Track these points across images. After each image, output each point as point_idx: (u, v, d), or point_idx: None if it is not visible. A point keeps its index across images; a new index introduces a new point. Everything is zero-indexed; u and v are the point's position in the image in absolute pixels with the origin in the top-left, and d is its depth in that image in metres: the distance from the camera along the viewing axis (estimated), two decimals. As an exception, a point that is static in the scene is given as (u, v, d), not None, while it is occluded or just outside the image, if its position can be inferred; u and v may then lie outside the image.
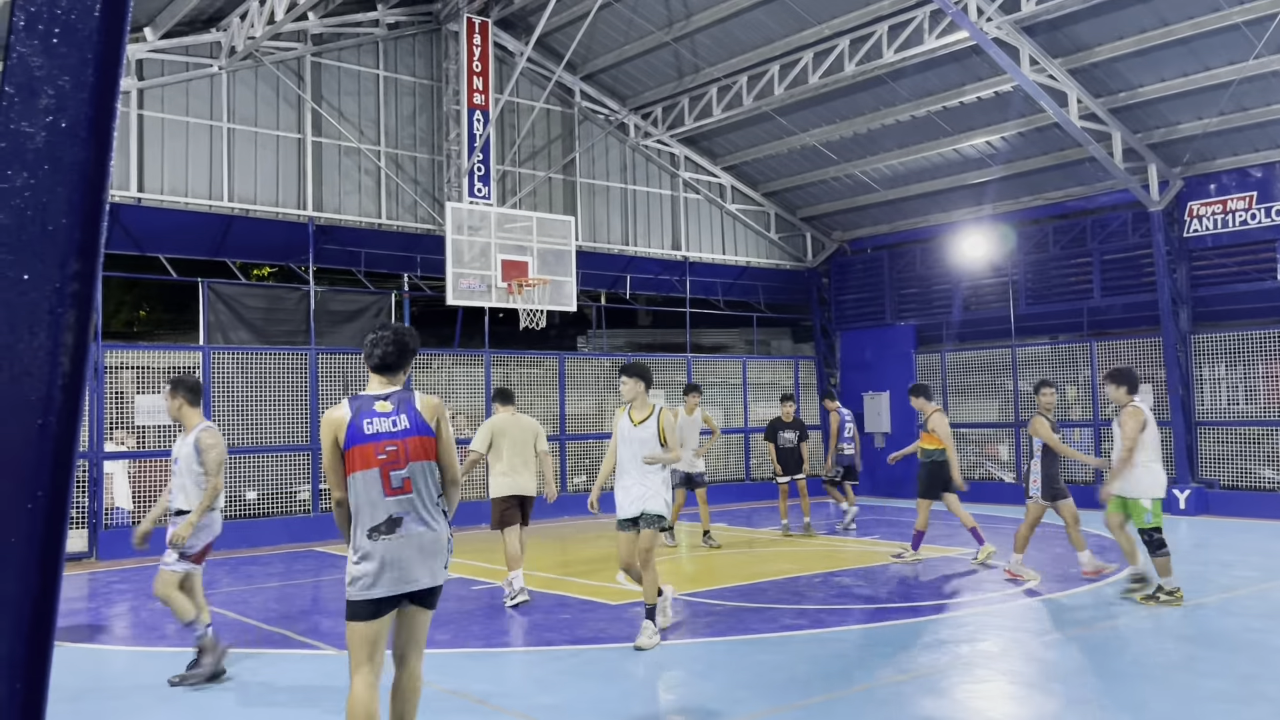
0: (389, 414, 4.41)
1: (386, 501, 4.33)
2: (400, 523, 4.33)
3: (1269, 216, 15.13)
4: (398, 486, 4.35)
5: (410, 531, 4.34)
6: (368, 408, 4.42)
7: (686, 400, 13.28)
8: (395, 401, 4.46)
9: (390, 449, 4.35)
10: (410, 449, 4.38)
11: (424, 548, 4.38)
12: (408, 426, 4.41)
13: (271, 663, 7.40)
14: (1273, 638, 7.43)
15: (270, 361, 14.77)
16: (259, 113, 15.21)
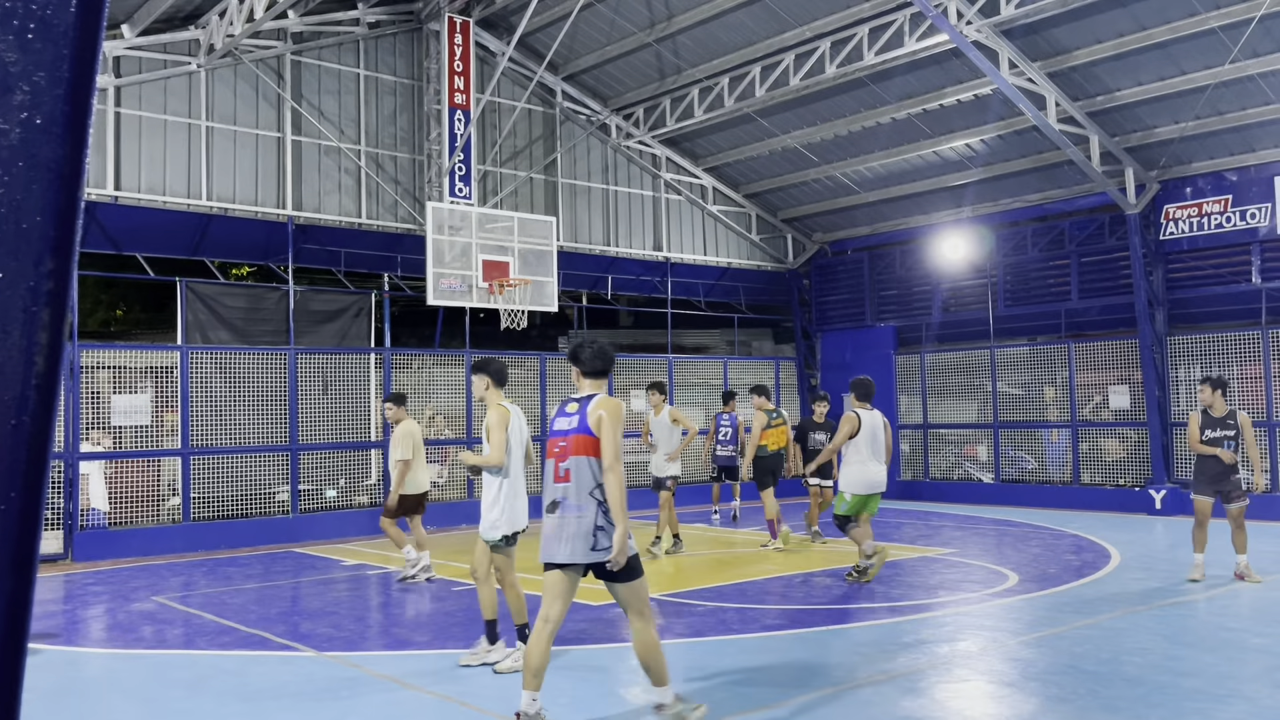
0: (573, 414, 5.40)
1: (555, 487, 5.33)
2: (558, 505, 5.30)
3: (1244, 220, 15.29)
4: (561, 476, 5.31)
5: (565, 514, 5.27)
6: (562, 408, 5.53)
7: (649, 399, 12.83)
8: (581, 403, 5.41)
9: (561, 444, 5.33)
10: (572, 445, 5.29)
11: (566, 528, 5.29)
12: (575, 425, 5.31)
13: (250, 665, 7.35)
14: (1249, 637, 7.50)
15: (249, 361, 14.67)
16: (238, 111, 15.12)
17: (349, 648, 7.75)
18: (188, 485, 13.94)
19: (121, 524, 13.52)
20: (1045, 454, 18.08)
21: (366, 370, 16.02)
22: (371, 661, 7.31)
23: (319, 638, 8.15)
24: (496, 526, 6.92)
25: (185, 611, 9.43)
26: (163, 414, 14.28)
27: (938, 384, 19.57)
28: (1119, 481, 16.89)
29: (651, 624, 5.46)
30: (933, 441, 19.65)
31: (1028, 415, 18.24)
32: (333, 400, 15.43)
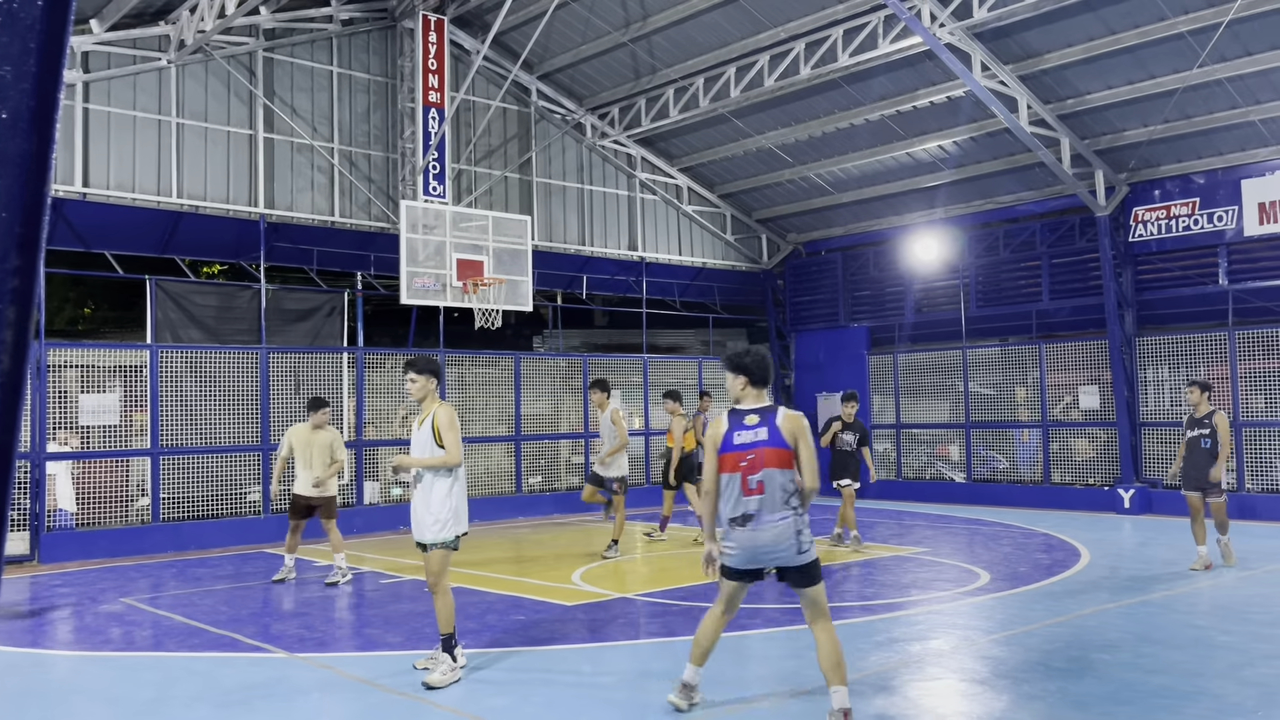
0: (755, 426, 5.49)
1: (746, 500, 5.41)
2: (750, 519, 5.40)
3: (1211, 222, 15.49)
4: (753, 488, 5.40)
5: (759, 526, 5.39)
6: (738, 421, 5.53)
7: (593, 397, 12.55)
8: (761, 414, 5.52)
9: (750, 457, 5.42)
10: (763, 458, 5.41)
11: (761, 537, 5.41)
12: (765, 438, 5.43)
13: (220, 666, 7.28)
14: (1215, 634, 7.60)
15: (221, 361, 14.54)
16: (209, 108, 14.97)
17: (320, 649, 7.70)
18: (157, 486, 13.79)
19: (89, 525, 13.36)
20: (1016, 454, 18.24)
21: (339, 370, 15.92)
22: (343, 663, 7.26)
23: (290, 639, 8.09)
24: (448, 526, 6.67)
25: (154, 613, 9.33)
26: (131, 413, 14.12)
27: (910, 384, 19.69)
28: (1088, 481, 17.06)
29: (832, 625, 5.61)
30: (905, 441, 19.77)
31: (999, 415, 18.39)
32: (305, 400, 15.29)
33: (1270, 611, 8.35)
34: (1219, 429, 10.53)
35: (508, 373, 17.79)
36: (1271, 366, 15.15)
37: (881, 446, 20.13)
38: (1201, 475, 10.52)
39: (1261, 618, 8.12)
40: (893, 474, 19.72)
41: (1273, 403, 15.13)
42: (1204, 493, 10.54)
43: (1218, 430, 10.52)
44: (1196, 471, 10.59)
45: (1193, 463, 10.64)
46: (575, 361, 19.01)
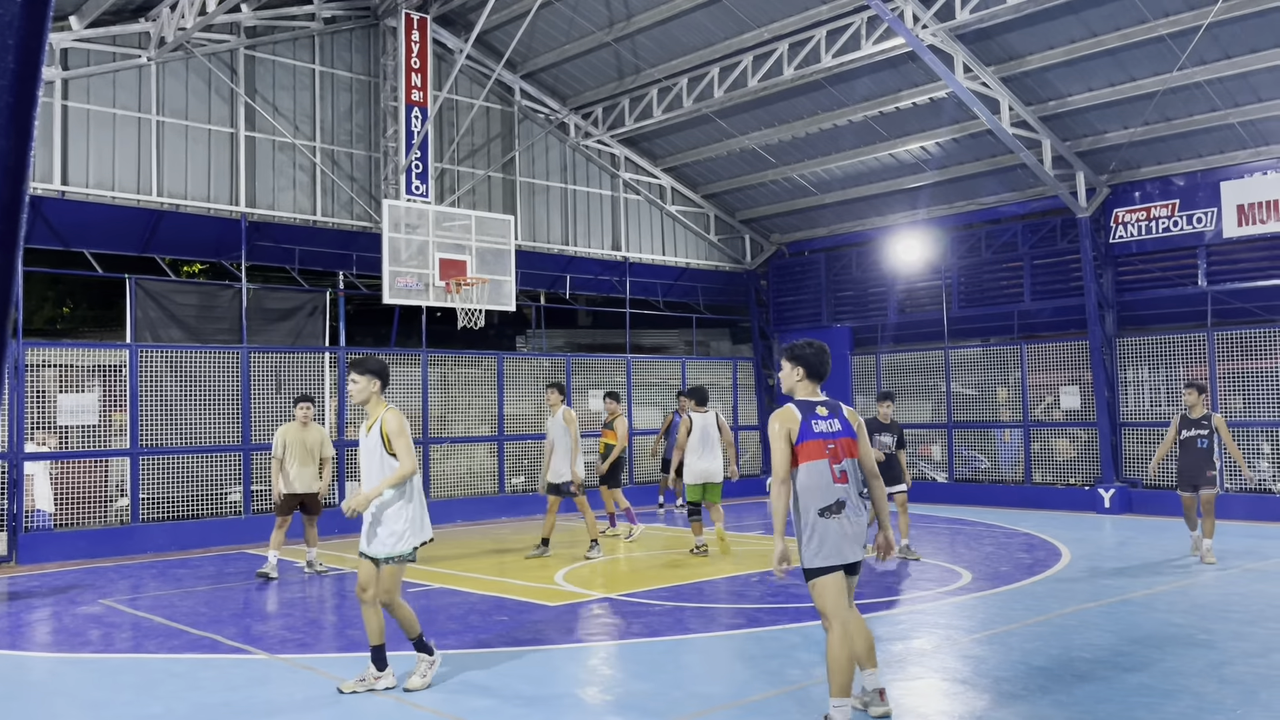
0: (828, 417, 5.52)
1: (835, 488, 5.34)
2: (843, 506, 5.35)
3: (1190, 224, 15.61)
4: (839, 477, 5.38)
5: (849, 514, 5.35)
6: (812, 411, 5.50)
7: (549, 398, 12.37)
8: (829, 406, 5.57)
9: (831, 446, 5.40)
10: (843, 447, 5.44)
11: (853, 527, 5.36)
12: (840, 429, 5.49)
13: (200, 668, 7.23)
14: (1195, 633, 7.66)
15: (201, 360, 14.44)
16: (190, 105, 14.87)
17: (302, 650, 7.66)
18: (136, 486, 13.69)
19: (68, 525, 13.25)
20: (998, 454, 18.33)
21: (321, 369, 15.84)
22: (325, 664, 7.23)
23: (271, 640, 8.05)
24: (404, 539, 6.36)
25: (134, 614, 9.26)
26: (111, 413, 14.00)
27: (893, 384, 19.74)
28: (1069, 481, 17.17)
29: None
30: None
31: (981, 415, 18.48)
32: (287, 400, 15.23)
33: (1249, 610, 8.42)
34: (1220, 429, 11.02)
35: (491, 373, 17.75)
36: (1249, 367, 15.29)
37: (864, 446, 20.17)
38: (1198, 474, 10.93)
39: (1241, 616, 8.18)
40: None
41: (1251, 403, 15.26)
42: (1197, 489, 10.97)
43: (1218, 430, 11.01)
44: (1192, 470, 10.98)
45: (1188, 462, 11.03)
46: (559, 361, 18.99)
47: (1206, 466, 10.94)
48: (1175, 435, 11.30)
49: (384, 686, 6.43)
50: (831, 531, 5.32)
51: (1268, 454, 15.11)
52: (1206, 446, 10.97)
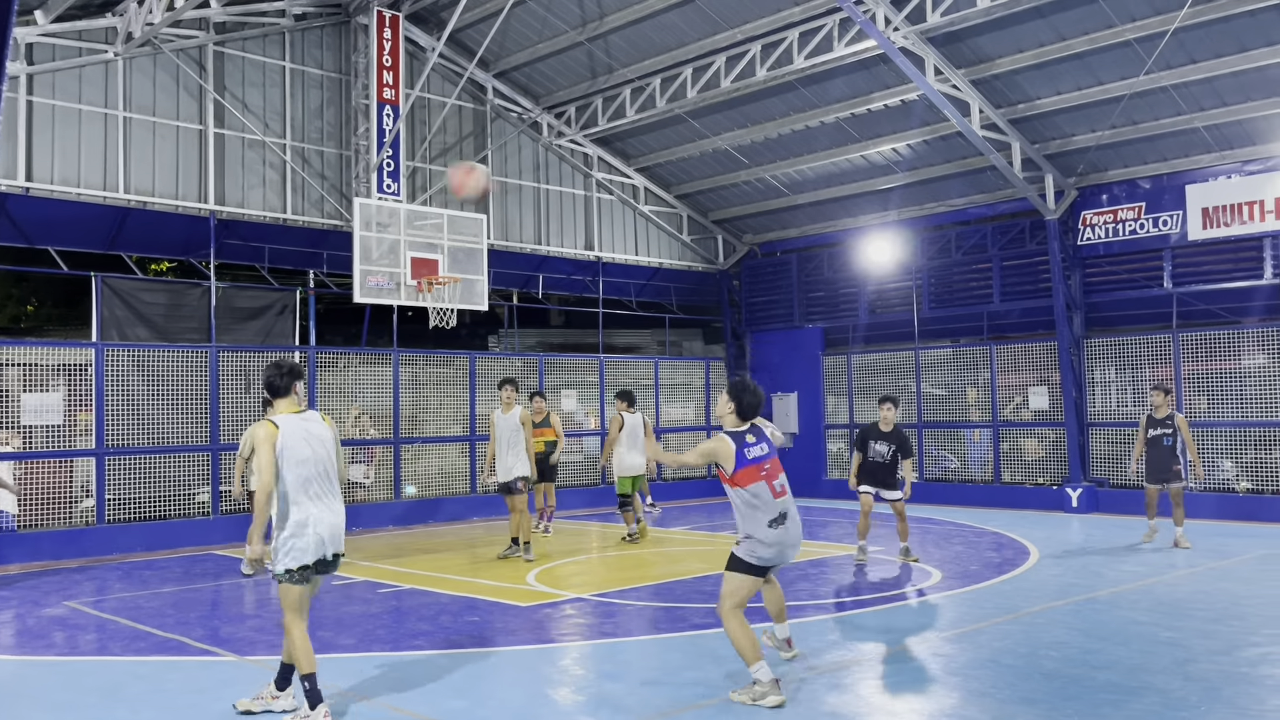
0: (757, 442, 6.32)
1: (777, 503, 6.20)
2: (786, 517, 6.23)
3: (1156, 226, 15.81)
4: (779, 491, 6.24)
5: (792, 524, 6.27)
6: (744, 440, 6.30)
7: (502, 395, 12.06)
8: (756, 431, 6.37)
9: (767, 466, 6.25)
10: (775, 466, 6.31)
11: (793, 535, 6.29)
12: (769, 451, 6.33)
13: (167, 671, 7.16)
14: (1159, 630, 7.76)
15: (169, 359, 14.29)
16: (158, 102, 14.70)
17: (272, 652, 7.59)
18: (102, 486, 13.52)
19: (31, 527, 13.06)
20: (967, 453, 18.48)
21: (291, 369, 15.68)
22: (295, 666, 7.16)
23: (240, 642, 7.97)
24: (279, 558, 5.92)
25: (99, 617, 9.15)
26: (76, 413, 13.82)
27: (864, 384, 19.86)
28: (1038, 480, 17.34)
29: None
30: (859, 441, 19.91)
31: (951, 415, 18.62)
32: (256, 399, 15.10)
33: (1213, 608, 8.54)
34: (1181, 429, 12.06)
35: (462, 372, 17.68)
36: (1214, 368, 15.50)
37: (835, 447, 20.30)
38: (1165, 470, 12.00)
39: (1204, 614, 8.30)
40: (846, 473, 19.86)
41: (1215, 404, 15.48)
42: (1164, 485, 12.04)
43: (1180, 429, 12.03)
44: (1158, 466, 12.07)
45: (1156, 459, 12.10)
46: (531, 361, 18.94)
47: (1172, 462, 12.00)
48: (1144, 434, 12.25)
49: (279, 708, 6.04)
50: (777, 537, 6.16)
51: (1228, 469, 15.33)
52: (1171, 444, 12.03)
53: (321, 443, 6.10)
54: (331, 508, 6.07)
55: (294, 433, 5.99)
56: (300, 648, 5.86)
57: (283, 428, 5.97)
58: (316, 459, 6.03)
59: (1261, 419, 14.98)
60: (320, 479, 6.04)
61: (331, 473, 6.13)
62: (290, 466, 5.91)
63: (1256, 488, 14.97)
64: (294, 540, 5.90)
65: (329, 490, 6.09)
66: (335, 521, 6.07)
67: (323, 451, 6.09)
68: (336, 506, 6.12)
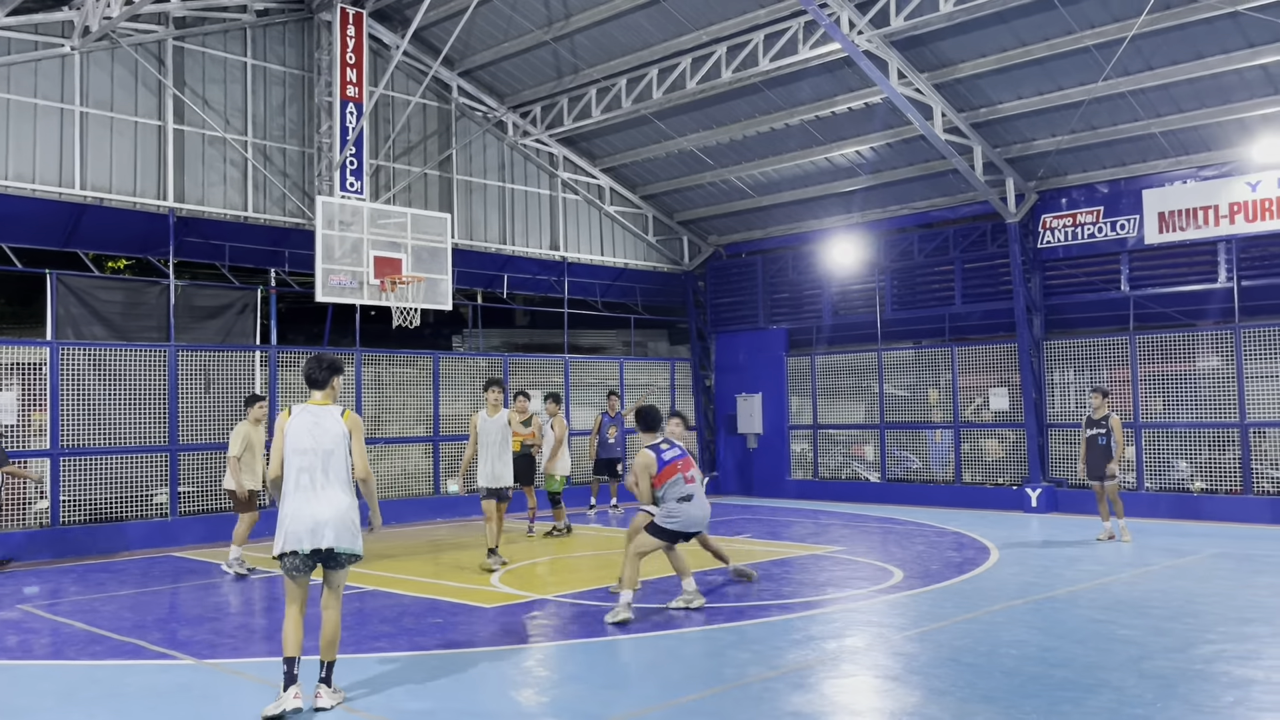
0: (671, 448, 9.02)
1: (689, 487, 8.85)
2: (693, 497, 8.86)
3: (1114, 230, 16.05)
4: (690, 480, 8.89)
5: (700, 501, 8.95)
6: (659, 449, 8.96)
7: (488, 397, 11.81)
8: (670, 442, 9.08)
9: (680, 464, 8.91)
10: (687, 464, 8.98)
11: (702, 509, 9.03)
12: (681, 453, 9.01)
13: (124, 674, 7.04)
14: (1116, 629, 7.87)
15: (126, 358, 14.07)
16: (115, 97, 14.47)
17: (232, 654, 7.50)
18: (57, 488, 13.29)
19: (-16, 529, 12.80)
20: (929, 454, 18.65)
21: (252, 368, 15.53)
22: (254, 668, 7.09)
23: (199, 645, 7.87)
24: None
25: (53, 620, 8.98)
26: (30, 413, 13.57)
27: (827, 385, 19.99)
28: (998, 480, 17.53)
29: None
30: (822, 442, 20.07)
31: (913, 416, 18.78)
32: (216, 399, 14.93)
33: (1168, 606, 8.68)
34: (1114, 429, 12.69)
35: (426, 373, 17.57)
36: (1169, 370, 15.76)
37: (799, 447, 20.40)
38: (1100, 467, 12.70)
39: (1160, 612, 8.43)
40: (810, 474, 20.00)
41: (1171, 404, 15.74)
42: (1101, 481, 12.71)
43: (1113, 430, 12.67)
44: (1095, 464, 12.76)
45: (1092, 457, 12.79)
46: (495, 361, 18.87)
47: (1106, 460, 12.62)
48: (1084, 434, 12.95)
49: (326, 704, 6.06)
50: (686, 511, 8.81)
51: (1183, 469, 15.59)
52: (1105, 443, 12.66)
53: (328, 436, 6.24)
54: (319, 501, 6.12)
55: (301, 424, 6.25)
56: (284, 629, 6.12)
57: (294, 417, 6.29)
58: (317, 451, 6.18)
59: (1215, 420, 15.25)
60: (314, 472, 6.15)
61: (333, 468, 6.19)
62: (288, 457, 6.19)
63: (1210, 488, 15.24)
64: (278, 529, 6.16)
65: (322, 483, 6.15)
66: (317, 515, 6.09)
67: (328, 445, 6.21)
68: (328, 500, 6.14)
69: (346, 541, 6.17)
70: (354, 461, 6.32)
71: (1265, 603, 8.77)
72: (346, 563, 6.26)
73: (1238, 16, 12.58)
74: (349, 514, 6.21)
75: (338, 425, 6.30)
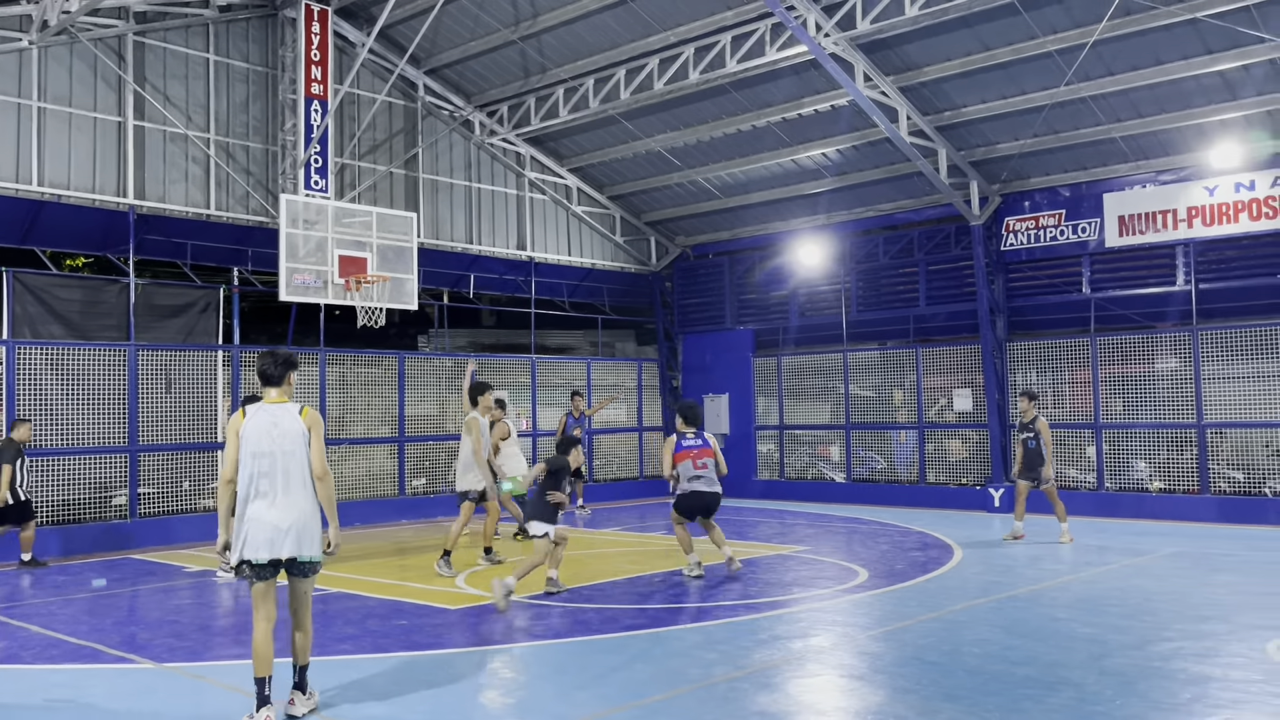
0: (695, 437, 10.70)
1: (696, 470, 10.52)
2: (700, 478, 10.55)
3: (1075, 233, 16.25)
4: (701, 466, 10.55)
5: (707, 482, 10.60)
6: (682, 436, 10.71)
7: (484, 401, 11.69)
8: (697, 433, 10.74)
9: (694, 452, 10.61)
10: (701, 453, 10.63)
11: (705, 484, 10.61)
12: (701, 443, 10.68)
13: (82, 679, 6.93)
14: (1076, 627, 7.97)
15: (85, 358, 13.85)
16: (74, 92, 14.24)
17: (192, 658, 7.41)
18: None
19: (-63, 531, 12.54)
20: (894, 454, 18.79)
21: (214, 368, 15.34)
22: (215, 672, 7.00)
23: (159, 648, 7.76)
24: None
25: (8, 624, 8.82)
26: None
27: (793, 386, 20.08)
28: (961, 481, 17.70)
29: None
30: (788, 442, 20.16)
31: (878, 417, 18.91)
32: (177, 399, 14.73)
33: (1126, 604, 8.81)
34: (1042, 431, 12.95)
35: (391, 373, 17.45)
36: (1129, 371, 15.99)
37: (765, 448, 20.47)
38: (1030, 468, 13.01)
39: (1119, 610, 8.55)
40: (776, 474, 20.08)
41: (1131, 405, 15.96)
42: (1034, 483, 13.00)
43: (1040, 432, 12.93)
44: (1026, 465, 13.10)
45: (1025, 459, 13.10)
46: (461, 362, 18.77)
47: (1038, 462, 12.89)
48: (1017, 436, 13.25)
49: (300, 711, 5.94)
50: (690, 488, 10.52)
51: (1142, 470, 15.82)
52: (1035, 446, 12.95)
53: (287, 437, 5.89)
54: (277, 507, 5.81)
55: (258, 425, 5.88)
56: (254, 645, 5.78)
57: (249, 417, 5.92)
58: (275, 454, 5.84)
59: (1173, 421, 15.49)
60: (273, 476, 5.83)
61: (294, 470, 5.87)
62: (244, 460, 5.83)
63: (1168, 487, 15.47)
64: (234, 537, 5.85)
65: (282, 488, 5.83)
66: (277, 523, 5.79)
67: (288, 446, 5.87)
68: (288, 506, 5.83)
69: (309, 549, 5.89)
70: (312, 460, 5.96)
71: (1221, 601, 8.92)
72: (310, 571, 5.99)
73: (1197, 23, 12.79)
74: (311, 520, 5.91)
75: (296, 424, 5.94)
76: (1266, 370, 14.69)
